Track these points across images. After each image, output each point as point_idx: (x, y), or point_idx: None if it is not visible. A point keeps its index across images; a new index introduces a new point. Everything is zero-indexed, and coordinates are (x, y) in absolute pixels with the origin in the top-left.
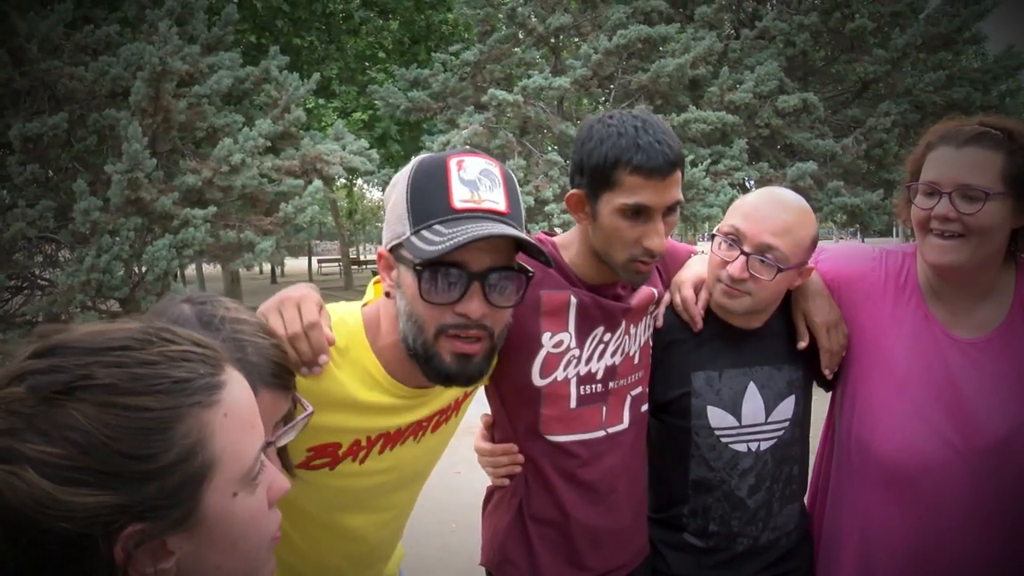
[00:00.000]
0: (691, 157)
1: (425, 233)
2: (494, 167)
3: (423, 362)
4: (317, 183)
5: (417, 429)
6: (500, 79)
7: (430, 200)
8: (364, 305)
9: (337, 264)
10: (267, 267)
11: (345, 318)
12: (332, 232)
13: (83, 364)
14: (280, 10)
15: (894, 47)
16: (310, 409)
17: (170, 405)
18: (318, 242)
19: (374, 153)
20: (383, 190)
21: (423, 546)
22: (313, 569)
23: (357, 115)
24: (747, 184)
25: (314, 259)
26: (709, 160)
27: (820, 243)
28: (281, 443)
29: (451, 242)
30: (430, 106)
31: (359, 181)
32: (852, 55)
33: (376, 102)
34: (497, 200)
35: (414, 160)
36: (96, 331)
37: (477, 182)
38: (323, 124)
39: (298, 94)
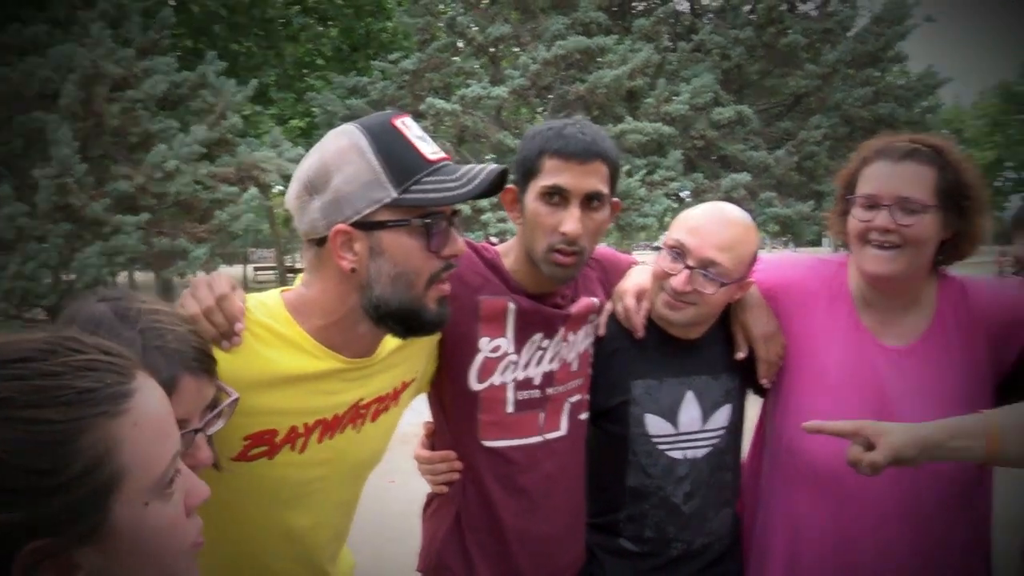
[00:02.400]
0: (627, 167)
1: (423, 185)
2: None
3: (410, 318)
4: (253, 190)
5: (356, 416)
6: (439, 88)
7: (404, 159)
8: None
9: (273, 272)
10: (202, 275)
11: (264, 300)
12: (268, 240)
13: None
14: (218, 15)
15: (825, 63)
16: (235, 395)
17: (74, 416)
18: (254, 250)
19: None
20: None
21: (356, 555)
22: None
23: (294, 122)
24: (682, 195)
25: (250, 267)
26: (645, 170)
27: (765, 253)
28: (210, 431)
29: (479, 179)
30: (368, 114)
31: None
32: (785, 69)
33: (314, 109)
34: (441, 150)
35: (349, 132)
36: None
37: (424, 138)
38: (260, 131)
39: (235, 100)
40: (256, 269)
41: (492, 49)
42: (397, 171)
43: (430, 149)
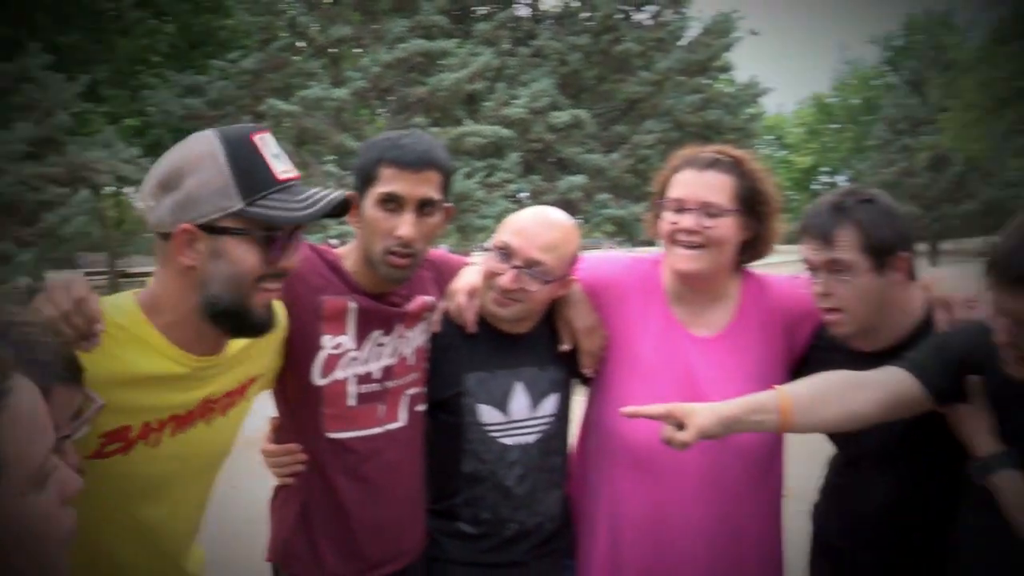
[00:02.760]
0: (466, 170)
1: (268, 202)
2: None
3: (238, 317)
4: (84, 192)
5: (206, 411)
6: (279, 88)
7: (255, 173)
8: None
9: (105, 277)
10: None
11: (118, 302)
12: (99, 244)
13: None
14: (41, 2)
15: (657, 70)
16: (100, 402)
17: None
18: (83, 254)
19: (147, 161)
20: None
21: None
22: (111, 570)
23: (129, 121)
24: (520, 197)
25: (79, 272)
26: (483, 173)
27: (590, 252)
28: (78, 435)
29: (319, 205)
30: (207, 114)
31: (129, 190)
32: (620, 76)
33: (149, 108)
34: (294, 169)
35: (209, 138)
36: None
37: (280, 155)
38: (91, 129)
39: (63, 96)
40: (87, 274)
41: (333, 50)
42: (246, 184)
43: (282, 168)
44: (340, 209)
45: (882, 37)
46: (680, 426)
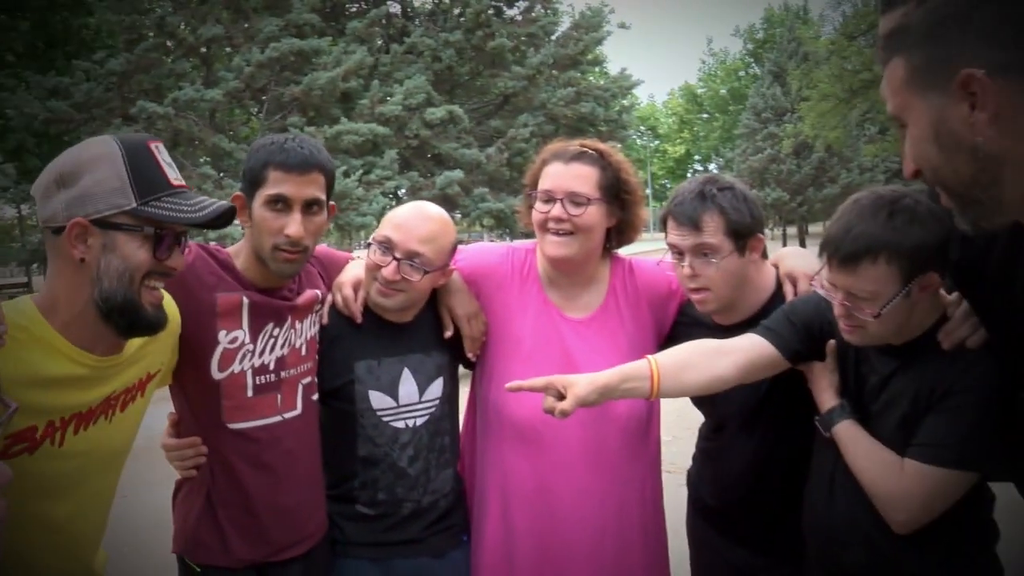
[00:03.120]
0: (344, 168)
1: (161, 204)
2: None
3: (131, 313)
4: None
5: (107, 407)
6: (149, 90)
7: (150, 177)
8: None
9: None
10: None
11: (16, 304)
12: None
13: None
14: None
15: (530, 65)
16: (14, 406)
17: None
18: None
19: (9, 168)
20: (18, 208)
21: None
22: (18, 572)
23: None
24: (399, 193)
25: None
26: (361, 171)
27: (473, 245)
28: None
29: (208, 210)
30: (73, 117)
31: None
32: (493, 71)
33: (8, 111)
34: (183, 179)
35: (108, 142)
36: None
37: (172, 165)
38: None
39: None
40: None
41: (204, 50)
42: (141, 185)
43: (174, 175)
44: (226, 217)
45: (745, 30)
46: (560, 396)
